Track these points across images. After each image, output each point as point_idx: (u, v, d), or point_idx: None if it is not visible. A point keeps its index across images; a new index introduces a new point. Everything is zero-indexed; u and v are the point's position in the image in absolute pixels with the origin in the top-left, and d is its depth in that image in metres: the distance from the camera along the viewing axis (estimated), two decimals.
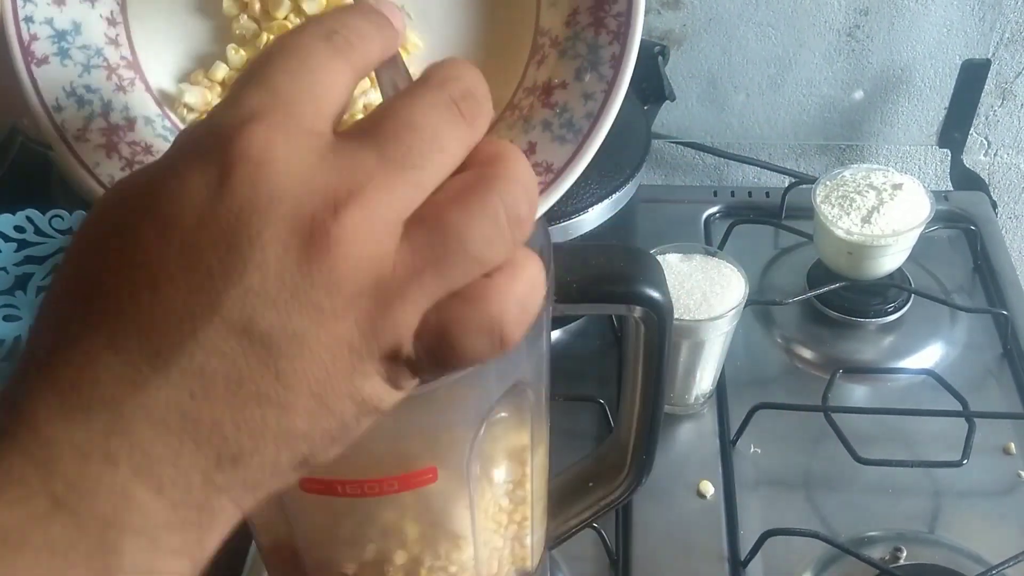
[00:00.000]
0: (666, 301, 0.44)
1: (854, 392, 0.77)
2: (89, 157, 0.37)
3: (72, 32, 0.37)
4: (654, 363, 0.47)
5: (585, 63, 0.38)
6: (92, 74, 0.37)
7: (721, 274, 0.70)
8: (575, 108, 0.38)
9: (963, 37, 0.94)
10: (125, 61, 0.38)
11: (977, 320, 0.82)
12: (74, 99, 0.37)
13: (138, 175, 0.26)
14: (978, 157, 1.03)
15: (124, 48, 0.38)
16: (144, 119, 0.38)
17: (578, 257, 0.43)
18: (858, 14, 0.93)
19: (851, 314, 0.81)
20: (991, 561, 0.63)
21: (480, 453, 0.41)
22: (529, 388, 0.41)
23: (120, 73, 0.38)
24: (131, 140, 0.37)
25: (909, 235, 0.76)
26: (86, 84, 0.37)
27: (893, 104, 0.99)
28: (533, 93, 0.39)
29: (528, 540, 0.48)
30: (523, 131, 0.39)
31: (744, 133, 1.03)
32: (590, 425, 0.74)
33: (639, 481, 0.53)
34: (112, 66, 0.38)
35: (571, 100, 0.38)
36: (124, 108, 0.38)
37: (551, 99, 0.38)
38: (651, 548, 0.66)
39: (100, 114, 0.37)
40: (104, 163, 0.37)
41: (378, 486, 0.39)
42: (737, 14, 0.94)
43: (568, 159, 0.38)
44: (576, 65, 0.38)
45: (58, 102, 0.37)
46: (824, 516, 0.68)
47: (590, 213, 0.71)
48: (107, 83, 0.37)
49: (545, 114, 0.38)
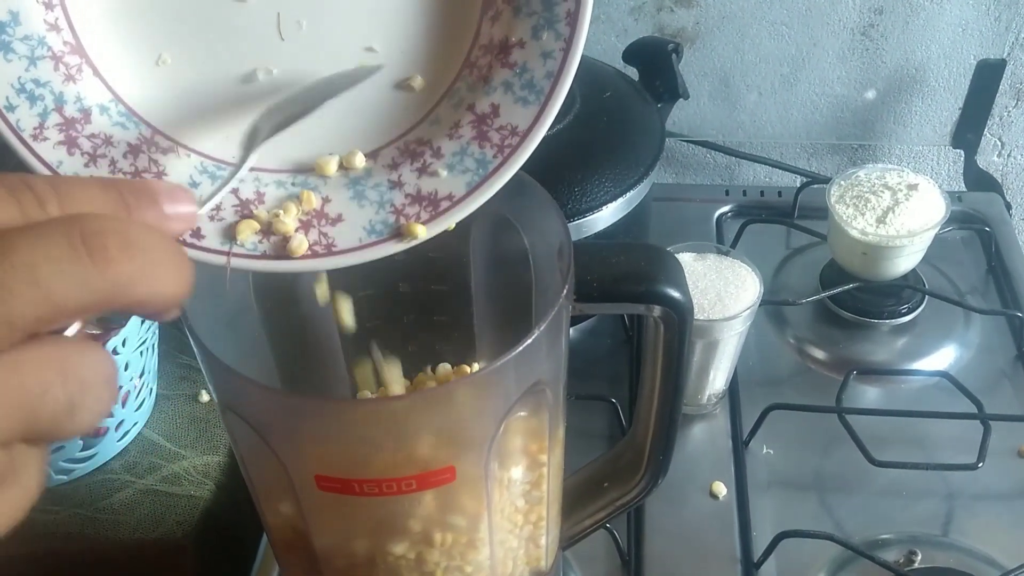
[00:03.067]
0: (687, 301, 0.43)
1: (868, 393, 0.76)
2: (51, 156, 0.36)
3: (11, 23, 0.35)
4: (673, 363, 0.46)
5: (541, 20, 0.38)
6: (39, 66, 0.36)
7: (735, 274, 0.70)
8: (535, 68, 0.38)
9: (978, 37, 0.93)
10: (69, 46, 0.36)
11: (991, 322, 0.81)
12: (25, 96, 0.35)
13: None
14: (992, 158, 1.02)
15: (65, 32, 0.36)
16: (99, 108, 0.37)
17: (597, 255, 0.43)
18: (872, 13, 0.93)
19: (865, 315, 0.81)
20: (1006, 565, 0.63)
21: (498, 453, 0.40)
22: (548, 388, 0.41)
23: (66, 61, 0.36)
24: (90, 133, 0.36)
25: (925, 236, 0.76)
26: (35, 78, 0.36)
27: (907, 104, 0.99)
28: (491, 52, 0.39)
29: (543, 540, 0.48)
30: (484, 93, 0.38)
31: (756, 132, 1.03)
32: (602, 425, 0.73)
33: (655, 482, 0.52)
34: (57, 55, 0.36)
35: (530, 60, 0.38)
36: (77, 99, 0.36)
37: (510, 59, 0.38)
38: (663, 549, 0.65)
39: (54, 109, 0.36)
40: (67, 161, 0.36)
41: (396, 485, 0.38)
42: (751, 12, 0.94)
43: (532, 121, 0.38)
44: (532, 23, 0.38)
45: (9, 101, 0.35)
46: (838, 518, 0.67)
47: (604, 211, 0.70)
48: (55, 74, 0.36)
49: (505, 75, 0.38)
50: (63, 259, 0.24)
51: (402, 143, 0.39)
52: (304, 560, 0.45)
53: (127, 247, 0.25)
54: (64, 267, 0.24)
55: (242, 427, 0.40)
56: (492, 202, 0.38)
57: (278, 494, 0.43)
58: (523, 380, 0.39)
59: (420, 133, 0.39)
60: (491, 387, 0.38)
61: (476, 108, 0.38)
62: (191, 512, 0.64)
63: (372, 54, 0.39)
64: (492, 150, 0.38)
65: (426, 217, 0.38)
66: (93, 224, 0.25)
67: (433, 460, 0.38)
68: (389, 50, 0.39)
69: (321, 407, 0.40)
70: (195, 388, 0.72)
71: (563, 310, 0.40)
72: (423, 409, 0.38)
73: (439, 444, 0.38)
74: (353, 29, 0.38)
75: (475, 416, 0.39)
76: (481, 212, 0.38)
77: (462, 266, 0.49)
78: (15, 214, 0.25)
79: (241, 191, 0.38)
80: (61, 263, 0.24)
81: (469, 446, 0.39)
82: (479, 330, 0.52)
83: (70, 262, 0.24)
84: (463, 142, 0.38)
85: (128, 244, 0.25)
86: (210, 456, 0.68)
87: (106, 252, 0.25)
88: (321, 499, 0.40)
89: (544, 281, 0.45)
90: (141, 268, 0.25)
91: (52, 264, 0.24)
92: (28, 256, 0.24)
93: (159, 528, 0.63)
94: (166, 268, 0.26)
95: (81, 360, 0.25)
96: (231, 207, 0.37)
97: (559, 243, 0.42)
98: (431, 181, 0.38)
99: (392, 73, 0.39)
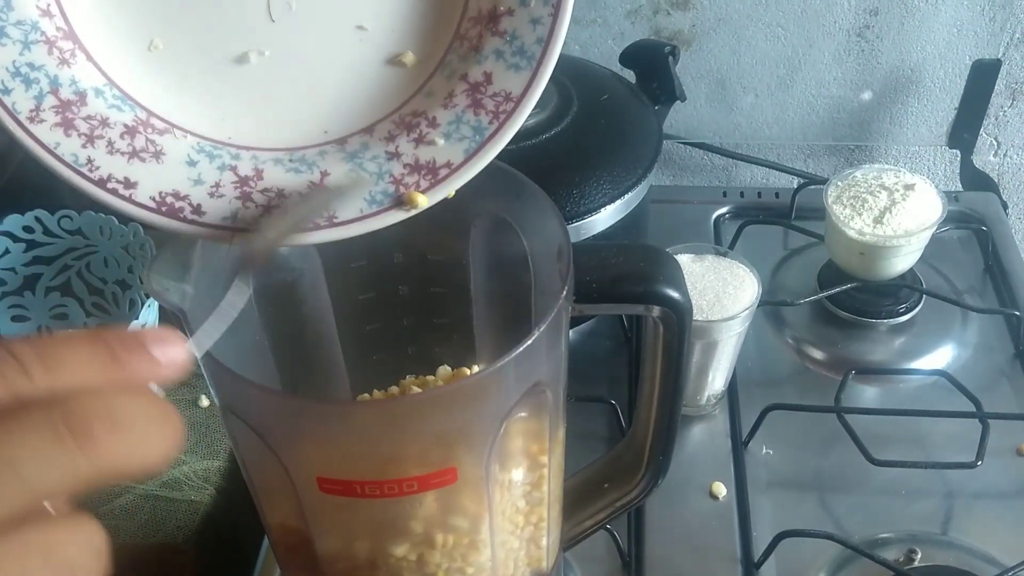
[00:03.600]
0: (685, 301, 0.43)
1: (866, 393, 0.76)
2: (48, 138, 0.36)
3: (3, 8, 0.36)
4: (672, 363, 0.46)
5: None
6: (33, 51, 0.36)
7: (733, 274, 0.70)
8: (525, 35, 0.38)
9: (973, 37, 0.93)
10: (62, 32, 0.37)
11: (989, 321, 0.81)
12: (20, 79, 0.36)
13: None
14: (988, 158, 1.02)
15: (58, 18, 0.37)
16: (94, 91, 0.37)
17: (596, 256, 0.43)
18: (868, 14, 0.93)
19: (863, 315, 0.81)
20: (1006, 563, 0.63)
21: (499, 454, 0.40)
22: (548, 389, 0.41)
23: (60, 45, 0.37)
24: (86, 115, 0.37)
25: (922, 235, 0.76)
26: (29, 62, 0.36)
27: (903, 104, 0.99)
28: (480, 22, 0.39)
29: (544, 541, 0.48)
30: (476, 62, 0.39)
31: (753, 134, 1.03)
32: (602, 427, 0.73)
33: (655, 482, 0.52)
34: (51, 39, 0.37)
35: (519, 27, 0.38)
36: (72, 82, 0.37)
37: (499, 27, 0.39)
38: (664, 549, 0.65)
39: (50, 92, 0.36)
40: (64, 142, 0.36)
41: (397, 487, 0.38)
42: (746, 14, 0.94)
43: (526, 86, 0.39)
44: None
45: (4, 84, 0.36)
46: (837, 517, 0.67)
47: (602, 213, 0.70)
48: (49, 58, 0.37)
49: (496, 43, 0.39)
50: (47, 448, 0.23)
51: (397, 116, 0.40)
52: (305, 563, 0.45)
53: (114, 427, 0.24)
54: (48, 456, 0.23)
55: (243, 430, 0.40)
56: (491, 204, 0.38)
57: (279, 496, 0.43)
58: (523, 381, 0.39)
59: (415, 106, 0.40)
60: (491, 388, 0.38)
61: (469, 77, 0.39)
62: (191, 517, 0.64)
63: (363, 32, 0.39)
64: (488, 116, 0.39)
65: (425, 185, 0.38)
66: (76, 408, 0.24)
67: (434, 461, 0.38)
68: (379, 28, 0.39)
69: (323, 409, 0.40)
70: (194, 393, 0.72)
71: (562, 311, 0.40)
72: (424, 410, 0.38)
73: (440, 445, 0.39)
74: (343, 8, 0.39)
75: (476, 417, 0.39)
76: (480, 214, 0.38)
77: (461, 268, 0.49)
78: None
79: (239, 168, 0.38)
80: (45, 452, 0.23)
81: (470, 447, 0.39)
82: (479, 332, 0.52)
83: (55, 450, 0.23)
84: (458, 111, 0.39)
85: (115, 423, 0.24)
86: (210, 461, 0.68)
87: (92, 435, 0.24)
88: (323, 501, 0.40)
89: (543, 283, 0.45)
90: (128, 444, 0.25)
91: (36, 455, 0.23)
92: (8, 451, 0.23)
93: (159, 533, 0.63)
94: (154, 436, 0.26)
95: (66, 539, 0.25)
96: (230, 184, 0.38)
97: (558, 245, 0.42)
98: (429, 150, 0.39)
99: (383, 50, 0.40)
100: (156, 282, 0.38)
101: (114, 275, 0.73)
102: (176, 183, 0.37)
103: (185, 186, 0.37)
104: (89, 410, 0.24)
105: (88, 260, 0.74)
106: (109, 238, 0.72)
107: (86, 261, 0.74)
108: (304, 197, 0.38)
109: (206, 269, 0.40)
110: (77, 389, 0.25)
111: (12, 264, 0.73)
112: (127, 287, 0.73)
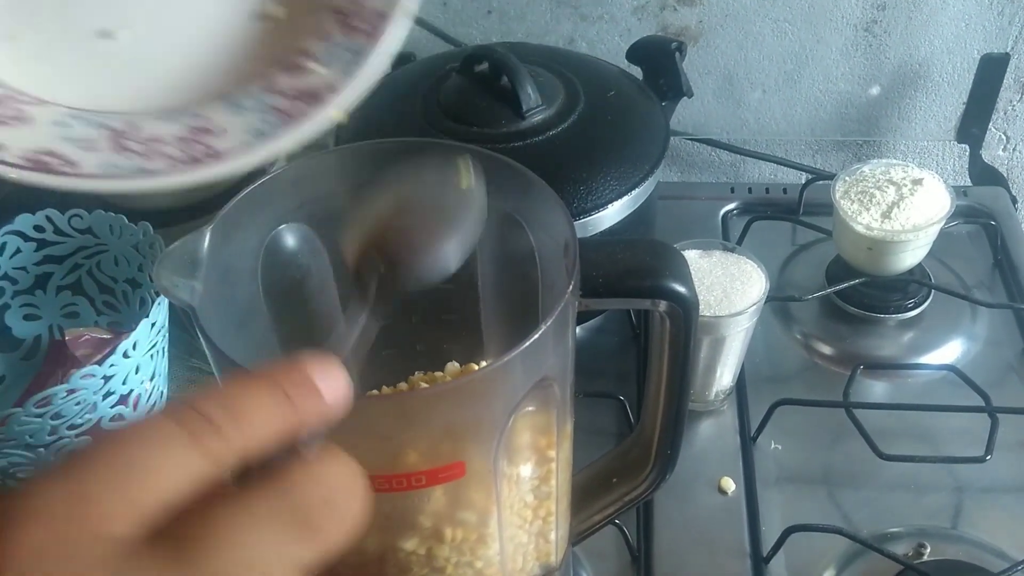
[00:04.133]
0: (692, 295, 0.43)
1: (875, 388, 0.76)
2: None
3: None
4: (679, 358, 0.47)
5: None
6: None
7: (741, 270, 0.70)
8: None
9: (981, 31, 0.93)
10: None
11: (998, 315, 0.81)
12: None
13: None
14: (997, 152, 1.02)
15: None
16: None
17: (603, 251, 0.43)
18: (875, 9, 0.93)
19: (871, 310, 0.81)
20: (1015, 557, 0.63)
21: (507, 448, 0.41)
22: (555, 383, 0.41)
23: None
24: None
25: (930, 230, 0.76)
26: None
27: (911, 99, 0.99)
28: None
29: (552, 535, 0.48)
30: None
31: (760, 129, 1.03)
32: (610, 422, 0.73)
33: (663, 477, 0.52)
34: None
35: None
36: None
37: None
38: (673, 545, 0.66)
39: None
40: None
41: (405, 481, 0.39)
42: (753, 10, 0.94)
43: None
44: None
45: None
46: (846, 512, 0.68)
47: (609, 210, 0.71)
48: None
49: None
50: (279, 543, 0.24)
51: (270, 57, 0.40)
52: None
53: (332, 513, 0.25)
54: (280, 551, 0.24)
55: None
56: (498, 201, 0.38)
57: None
58: (530, 375, 0.39)
59: (286, 44, 0.40)
60: (499, 382, 0.38)
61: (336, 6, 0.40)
62: None
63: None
64: (363, 37, 0.39)
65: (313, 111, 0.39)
66: (298, 498, 0.25)
67: (443, 455, 0.39)
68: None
69: None
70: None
71: (569, 306, 0.40)
72: (432, 404, 0.38)
73: (448, 439, 0.39)
74: None
75: (483, 411, 0.39)
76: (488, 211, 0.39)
77: (469, 264, 0.49)
78: (196, 461, 0.24)
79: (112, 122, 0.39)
80: (277, 550, 0.24)
81: (478, 441, 0.40)
82: (486, 328, 0.52)
83: (286, 545, 0.24)
84: (333, 40, 0.40)
85: (333, 510, 0.25)
86: None
87: (315, 526, 0.25)
88: None
89: (550, 278, 0.45)
90: (341, 524, 0.26)
91: (269, 551, 0.24)
92: (246, 554, 0.23)
93: None
94: (359, 509, 0.27)
95: None
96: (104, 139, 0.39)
97: (565, 240, 0.42)
98: (309, 79, 0.39)
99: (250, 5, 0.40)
100: (165, 279, 0.38)
101: (124, 274, 0.74)
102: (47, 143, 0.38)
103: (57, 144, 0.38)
104: (311, 499, 0.25)
105: (99, 259, 0.74)
106: (119, 237, 0.72)
107: (97, 260, 0.74)
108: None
109: (215, 266, 0.40)
110: (285, 469, 0.25)
111: (23, 263, 0.73)
112: (137, 285, 0.73)
